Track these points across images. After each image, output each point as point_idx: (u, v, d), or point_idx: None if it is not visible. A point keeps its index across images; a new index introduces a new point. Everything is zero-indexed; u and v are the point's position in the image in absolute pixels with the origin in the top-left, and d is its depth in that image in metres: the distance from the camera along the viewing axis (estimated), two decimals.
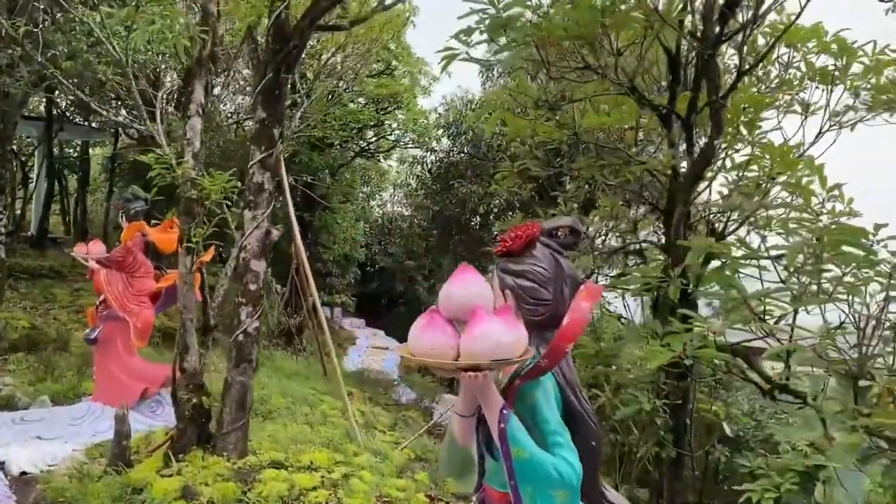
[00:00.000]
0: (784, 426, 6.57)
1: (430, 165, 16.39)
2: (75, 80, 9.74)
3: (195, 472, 5.53)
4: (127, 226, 8.17)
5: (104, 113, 8.34)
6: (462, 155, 15.84)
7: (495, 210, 15.43)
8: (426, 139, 16.92)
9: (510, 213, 15.80)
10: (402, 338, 19.02)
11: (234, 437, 5.84)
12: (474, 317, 2.05)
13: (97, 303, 8.27)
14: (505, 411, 2.14)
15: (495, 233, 16.56)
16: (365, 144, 19.11)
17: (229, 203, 6.31)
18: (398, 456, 7.58)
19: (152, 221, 8.13)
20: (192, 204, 6.12)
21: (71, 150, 24.53)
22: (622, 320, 6.12)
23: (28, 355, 10.53)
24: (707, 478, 9.97)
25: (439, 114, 15.52)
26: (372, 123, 16.91)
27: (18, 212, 19.61)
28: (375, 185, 24.82)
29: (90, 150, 23.95)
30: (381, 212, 29.32)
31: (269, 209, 5.91)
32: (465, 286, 2.17)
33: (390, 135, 18.45)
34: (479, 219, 16.98)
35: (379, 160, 21.05)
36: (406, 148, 18.77)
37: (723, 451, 9.18)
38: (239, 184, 6.14)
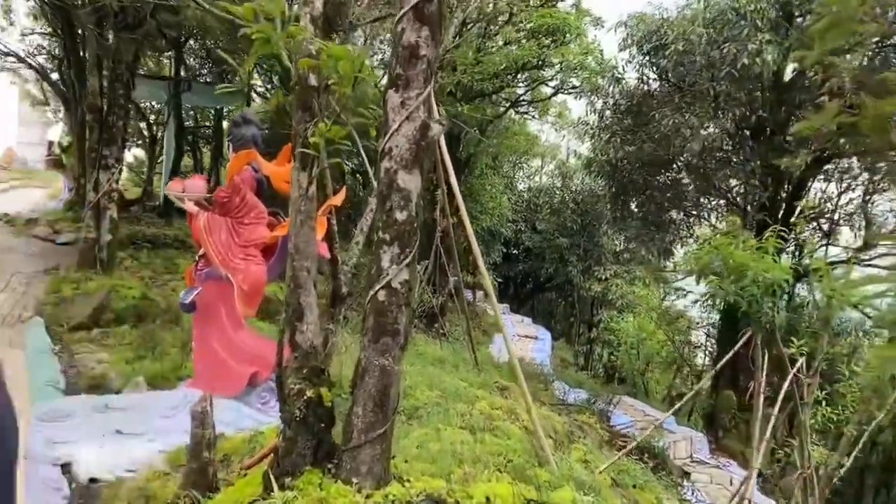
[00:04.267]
0: None
1: (616, 97, 13.77)
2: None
3: None
4: (234, 156, 6.38)
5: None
6: (663, 81, 12.99)
7: (707, 149, 12.47)
8: (597, 79, 14.31)
9: (724, 151, 12.66)
10: (550, 325, 16.67)
11: (368, 454, 3.78)
12: None
13: (196, 258, 6.57)
14: None
15: (691, 185, 13.57)
16: (522, 91, 16.73)
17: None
18: (603, 486, 5.29)
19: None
20: (310, 92, 4.10)
21: (207, 124, 24.14)
22: None
23: (133, 329, 9.27)
24: None
25: (628, 27, 12.82)
26: (531, 65, 14.54)
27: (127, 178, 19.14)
28: (523, 153, 22.49)
29: (223, 122, 23.44)
30: (527, 184, 27.02)
31: (429, 89, 3.77)
32: None
33: (551, 80, 16.02)
34: (666, 176, 14.07)
35: (533, 116, 18.70)
36: (569, 93, 16.27)
37: None
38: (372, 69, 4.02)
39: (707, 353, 17.46)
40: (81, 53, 13.50)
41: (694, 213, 15.05)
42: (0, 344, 8.16)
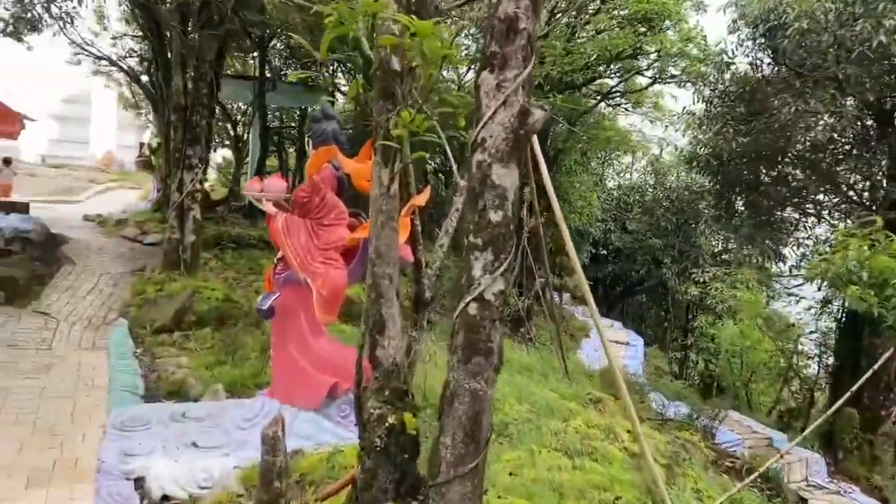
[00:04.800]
0: None
1: (725, 84, 12.77)
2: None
3: None
4: (314, 153, 6.06)
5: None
6: (779, 65, 11.85)
7: (827, 140, 11.22)
8: (700, 66, 13.36)
9: (843, 143, 11.37)
10: (641, 330, 15.68)
11: (458, 491, 3.32)
12: None
13: (275, 261, 6.29)
14: None
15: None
16: (614, 83, 15.92)
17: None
18: None
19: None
20: (392, 77, 3.71)
21: (292, 125, 24.32)
22: None
23: (215, 332, 9.16)
24: None
25: (740, 7, 11.82)
26: (625, 54, 13.77)
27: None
28: (614, 149, 21.55)
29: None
30: (616, 182, 26.02)
31: (529, 69, 3.27)
32: None
33: (647, 69, 15.16)
34: (779, 170, 12.87)
35: (626, 109, 17.85)
36: (667, 83, 15.39)
37: None
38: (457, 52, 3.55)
39: (822, 364, 16.13)
40: (168, 55, 13.69)
41: (811, 211, 13.75)
42: (84, 346, 8.18)
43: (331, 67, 21.11)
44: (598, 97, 16.74)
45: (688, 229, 21.87)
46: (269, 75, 18.01)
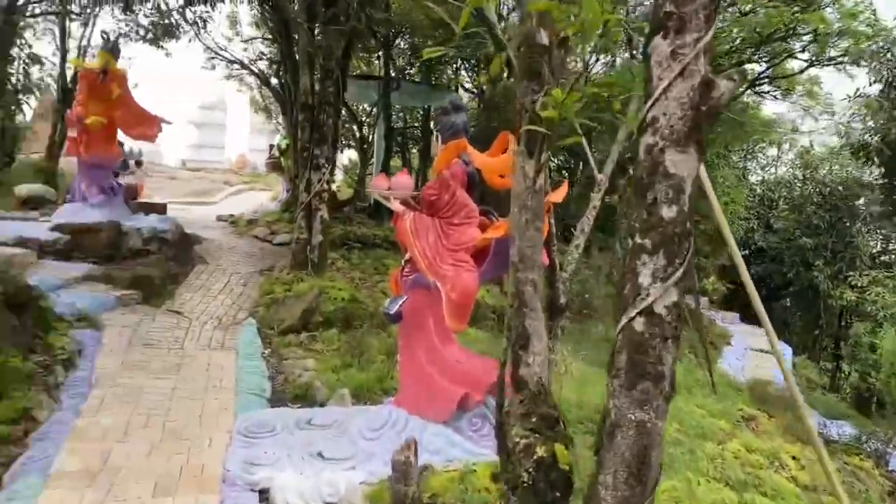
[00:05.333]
0: None
1: None
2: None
3: None
4: (442, 148, 5.66)
5: None
6: None
7: None
8: (869, 45, 11.93)
9: None
10: (786, 337, 14.14)
11: None
12: None
13: (402, 262, 5.96)
14: None
15: None
16: (763, 67, 14.65)
17: None
18: None
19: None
20: (539, 54, 3.24)
21: (416, 125, 24.38)
22: None
23: (341, 333, 9.03)
24: None
25: None
26: (776, 35, 12.58)
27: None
28: (758, 140, 20.02)
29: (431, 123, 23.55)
30: (759, 176, 24.21)
31: (710, 33, 2.71)
32: None
33: (801, 52, 13.81)
34: None
35: (775, 97, 16.43)
36: (825, 65, 13.96)
37: None
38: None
39: None
40: (297, 56, 13.88)
41: None
42: (214, 346, 8.23)
43: (454, 66, 20.94)
44: (744, 84, 15.48)
45: (842, 228, 20.00)
46: (393, 75, 18.01)
